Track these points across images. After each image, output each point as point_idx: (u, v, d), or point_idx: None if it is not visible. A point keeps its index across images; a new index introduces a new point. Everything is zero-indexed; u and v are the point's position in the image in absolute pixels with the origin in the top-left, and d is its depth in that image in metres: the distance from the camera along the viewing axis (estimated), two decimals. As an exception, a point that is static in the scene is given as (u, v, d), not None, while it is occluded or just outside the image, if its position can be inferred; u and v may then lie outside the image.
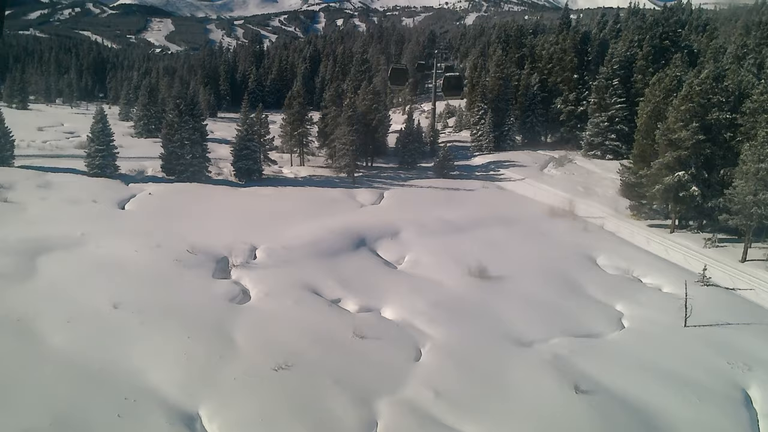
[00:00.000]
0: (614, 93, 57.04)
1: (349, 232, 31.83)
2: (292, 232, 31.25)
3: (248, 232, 30.87)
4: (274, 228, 32.10)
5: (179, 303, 21.65)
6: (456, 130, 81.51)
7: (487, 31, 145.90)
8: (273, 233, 30.96)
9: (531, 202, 43.01)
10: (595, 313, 23.33)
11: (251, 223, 33.03)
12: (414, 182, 49.03)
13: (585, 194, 45.25)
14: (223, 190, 42.83)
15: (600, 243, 32.72)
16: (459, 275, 26.46)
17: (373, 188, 46.23)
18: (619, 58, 57.95)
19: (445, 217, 36.18)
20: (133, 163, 50.51)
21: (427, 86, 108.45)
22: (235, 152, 47.16)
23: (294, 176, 51.32)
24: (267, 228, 32.06)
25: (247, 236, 30.03)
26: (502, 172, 54.28)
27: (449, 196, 43.88)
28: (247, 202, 39.44)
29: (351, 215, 36.56)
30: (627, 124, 57.19)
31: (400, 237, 32.32)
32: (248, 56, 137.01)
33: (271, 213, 36.05)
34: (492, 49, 79.85)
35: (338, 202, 40.70)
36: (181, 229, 31.12)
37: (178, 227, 31.46)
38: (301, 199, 40.85)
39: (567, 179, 50.84)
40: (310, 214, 36.07)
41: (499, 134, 64.12)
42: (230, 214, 35.28)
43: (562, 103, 64.39)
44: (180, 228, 31.31)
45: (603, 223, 36.55)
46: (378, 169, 55.99)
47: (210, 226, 32.16)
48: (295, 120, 54.20)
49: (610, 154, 57.86)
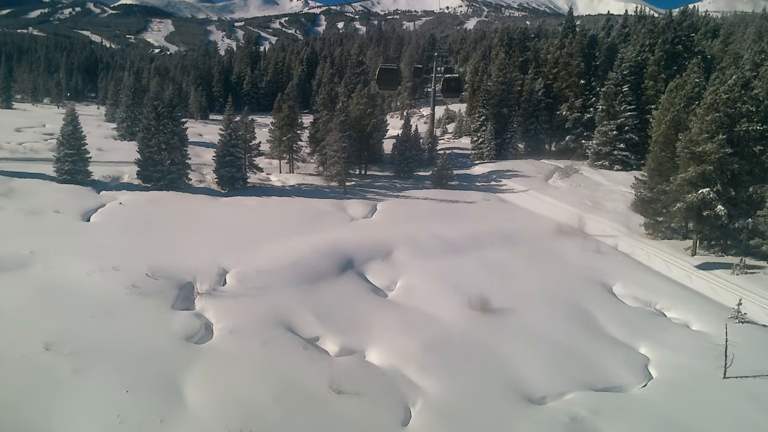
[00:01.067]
0: (624, 100, 53.82)
1: (336, 251, 28.43)
2: (272, 250, 27.84)
3: (222, 251, 27.46)
4: (253, 245, 28.69)
5: (125, 343, 18.23)
6: (455, 136, 78.29)
7: (489, 35, 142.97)
8: (250, 252, 27.55)
9: (536, 217, 39.65)
10: (616, 359, 19.93)
11: (227, 240, 29.63)
12: (410, 193, 45.67)
13: (593, 209, 41.91)
14: (202, 201, 39.41)
15: (615, 267, 29.34)
16: (457, 307, 23.07)
17: (366, 199, 42.85)
18: (629, 63, 54.79)
19: (443, 234, 32.80)
20: (110, 168, 47.14)
21: (426, 90, 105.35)
22: (218, 158, 43.77)
23: (282, 185, 47.92)
24: (244, 245, 28.66)
25: (219, 256, 26.61)
26: (504, 183, 50.95)
27: (447, 209, 40.52)
28: (227, 214, 36.02)
29: (340, 231, 33.16)
30: (637, 133, 54.06)
31: (393, 258, 28.93)
32: (244, 57, 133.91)
33: (251, 227, 32.64)
34: (494, 53, 76.69)
35: (327, 215, 37.30)
36: (147, 246, 27.72)
37: (143, 244, 28.04)
38: (286, 212, 37.45)
39: (573, 192, 47.52)
40: (294, 229, 32.69)
41: (501, 142, 60.88)
42: (205, 229, 31.88)
43: (568, 109, 61.18)
44: (146, 245, 27.90)
45: (617, 243, 33.17)
46: (372, 177, 52.63)
47: (180, 242, 28.75)
48: (285, 124, 50.86)
49: (619, 165, 54.64)
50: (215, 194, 42.12)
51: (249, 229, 32.17)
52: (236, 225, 33.01)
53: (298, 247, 28.34)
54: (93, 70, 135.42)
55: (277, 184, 47.96)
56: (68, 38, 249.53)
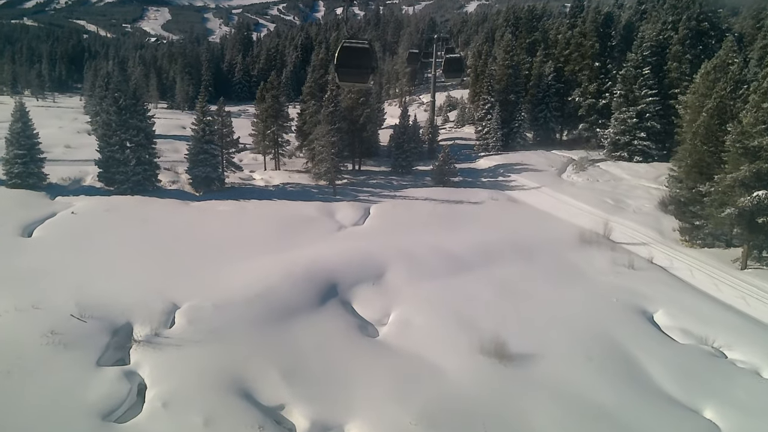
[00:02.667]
0: (644, 84, 48.44)
1: (317, 274, 23.55)
2: (239, 275, 22.98)
3: (177, 276, 22.62)
4: (216, 267, 23.83)
5: (23, 426, 13.47)
6: (458, 125, 72.95)
7: (491, 17, 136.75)
8: (211, 277, 22.69)
9: (552, 221, 34.65)
10: (677, 429, 15.09)
11: (187, 259, 24.77)
12: (408, 192, 40.64)
13: (616, 209, 36.87)
14: (169, 206, 34.50)
15: (653, 287, 24.39)
16: (466, 352, 18.21)
17: (358, 201, 37.87)
18: (650, 43, 49.27)
19: (445, 246, 27.87)
20: (74, 168, 42.28)
21: (426, 76, 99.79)
22: (190, 156, 38.79)
23: (265, 184, 42.92)
24: (206, 267, 23.81)
25: (172, 284, 21.76)
26: (513, 178, 45.84)
27: (450, 212, 35.54)
28: (193, 224, 31.11)
29: (324, 244, 28.23)
30: (659, 120, 48.79)
31: (386, 280, 24.03)
32: (236, 44, 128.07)
33: (218, 242, 27.73)
34: (499, 34, 71.08)
35: (311, 222, 32.34)
36: (87, 270, 22.89)
37: (82, 268, 23.20)
38: (264, 219, 32.51)
39: (591, 188, 42.42)
40: (270, 243, 27.79)
41: (508, 131, 55.61)
42: (164, 244, 26.98)
43: (581, 95, 55.77)
44: (85, 269, 23.07)
45: (651, 255, 28.15)
46: (367, 174, 47.58)
47: (128, 264, 23.90)
48: (269, 116, 45.78)
49: (639, 156, 49.38)
50: (187, 197, 37.19)
51: (216, 243, 27.26)
52: (201, 238, 28.10)
53: (271, 270, 23.45)
54: (79, 60, 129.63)
55: (259, 184, 42.97)
56: (60, 28, 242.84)
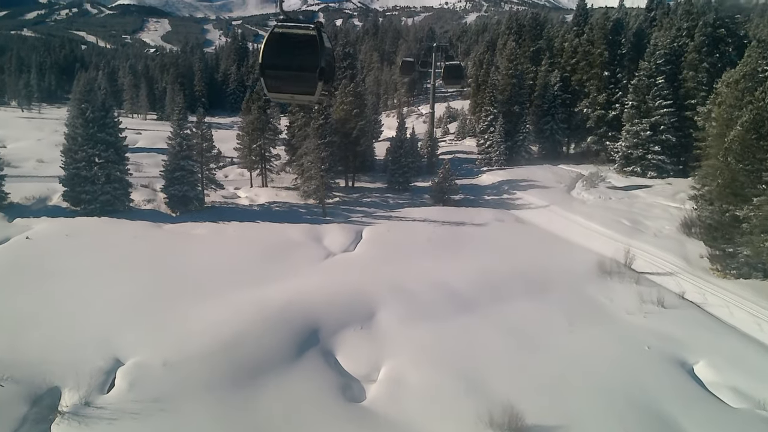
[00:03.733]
0: (658, 94, 45.21)
1: (296, 315, 20.07)
2: (203, 318, 19.48)
3: (129, 320, 19.12)
4: (179, 307, 20.33)
5: None
6: (458, 137, 69.77)
7: (491, 27, 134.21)
8: (171, 321, 19.19)
9: (564, 245, 31.19)
10: None
11: (143, 297, 21.25)
12: (405, 212, 37.22)
13: (634, 231, 33.40)
14: (140, 230, 31.00)
15: (689, 330, 20.86)
16: (470, 424, 14.67)
17: (350, 222, 34.42)
18: (664, 51, 46.13)
19: (446, 279, 24.40)
20: (42, 185, 38.83)
21: (425, 86, 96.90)
22: (166, 173, 35.42)
23: (250, 203, 39.47)
24: (167, 307, 20.31)
25: (121, 331, 18.25)
26: (519, 196, 42.44)
27: (452, 236, 32.06)
28: (163, 251, 27.60)
29: (308, 276, 24.74)
30: (674, 132, 45.53)
31: (377, 322, 20.53)
32: (231, 54, 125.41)
33: (188, 273, 24.23)
34: (502, 42, 67.97)
35: (296, 249, 28.84)
36: (21, 315, 19.37)
37: (17, 311, 19.69)
38: (243, 245, 29.03)
39: (604, 206, 39.00)
40: (246, 275, 24.30)
41: (512, 144, 52.36)
42: (123, 277, 23.46)
43: (589, 106, 52.62)
44: (19, 311, 19.56)
45: (682, 289, 24.60)
46: (361, 191, 44.17)
47: (74, 304, 20.39)
48: (254, 129, 42.47)
49: (653, 171, 46.03)
50: (161, 219, 33.73)
51: (183, 275, 23.76)
52: (168, 269, 24.59)
53: (241, 311, 19.94)
54: (71, 70, 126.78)
55: (243, 203, 39.51)
56: (59, 38, 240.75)
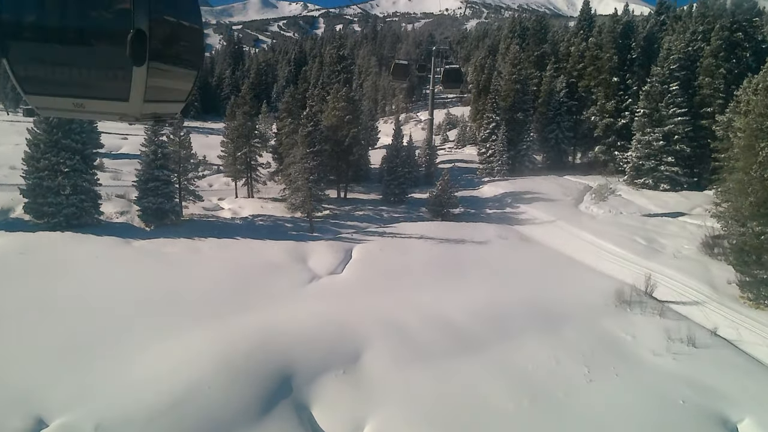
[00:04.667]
0: (672, 101, 42.41)
1: (268, 357, 17.03)
2: (156, 363, 16.44)
3: (64, 366, 16.04)
4: (124, 351, 17.24)
5: None
6: (458, 145, 66.93)
7: (492, 32, 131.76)
8: (115, 367, 16.13)
9: (575, 268, 28.20)
10: None
11: (93, 334, 18.17)
12: (400, 228, 34.22)
13: (650, 251, 30.43)
14: (105, 247, 27.93)
15: (727, 377, 17.83)
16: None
17: (339, 240, 31.40)
18: (678, 56, 43.35)
19: (444, 310, 21.38)
20: (8, 194, 35.78)
21: (424, 92, 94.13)
22: (139, 184, 32.42)
23: (232, 216, 36.48)
24: (115, 348, 17.25)
25: (51, 381, 15.19)
26: (523, 210, 39.48)
27: (451, 256, 29.06)
28: (127, 273, 24.52)
29: (286, 306, 21.69)
30: (688, 143, 42.71)
31: (362, 366, 17.48)
32: (226, 58, 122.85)
33: (149, 302, 21.16)
34: (504, 46, 65.18)
35: (276, 272, 25.80)
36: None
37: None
38: (217, 267, 25.99)
39: (615, 222, 36.03)
40: (216, 304, 21.25)
41: (515, 154, 49.55)
42: (72, 306, 20.37)
43: (597, 113, 49.83)
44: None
45: (712, 322, 21.60)
46: (353, 203, 41.19)
47: (5, 345, 17.35)
48: (239, 136, 39.54)
49: (666, 183, 43.15)
50: (133, 234, 30.68)
51: (139, 307, 20.66)
52: (127, 297, 21.52)
53: (202, 353, 16.89)
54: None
55: (225, 216, 36.51)
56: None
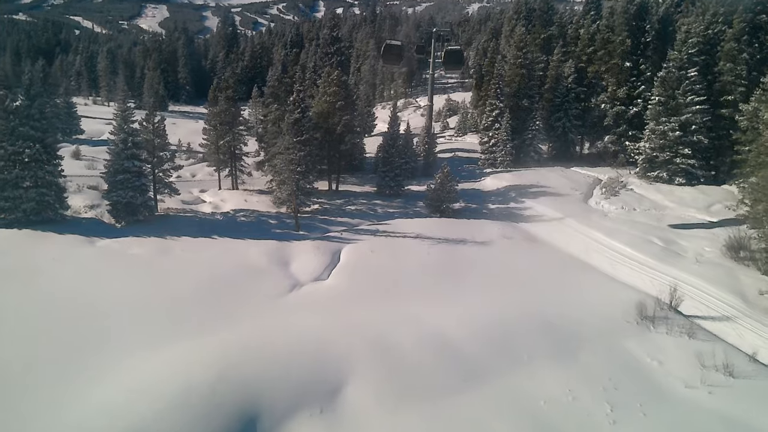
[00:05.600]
0: (690, 88, 39.26)
1: (230, 391, 14.29)
2: (93, 404, 13.71)
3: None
4: (62, 383, 14.53)
5: None
6: (459, 133, 63.75)
7: (495, 15, 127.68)
8: (44, 409, 13.42)
9: (588, 275, 25.39)
10: None
11: (17, 369, 15.44)
12: (395, 225, 31.34)
13: (669, 253, 27.61)
14: (66, 247, 25.08)
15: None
16: None
17: (327, 239, 28.55)
18: (697, 39, 40.13)
19: (443, 328, 18.62)
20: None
21: (423, 76, 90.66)
22: (108, 176, 29.51)
23: (213, 210, 33.60)
24: (46, 383, 14.53)
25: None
26: (528, 205, 36.56)
27: (449, 260, 26.22)
28: (84, 280, 21.69)
29: (260, 322, 18.92)
30: (706, 133, 39.66)
31: (342, 402, 14.75)
32: (220, 41, 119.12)
33: (102, 319, 18.39)
34: (509, 27, 61.73)
35: (253, 277, 22.99)
36: None
37: None
38: (187, 271, 23.16)
39: (629, 220, 33.17)
40: (178, 320, 18.48)
41: (520, 143, 46.49)
42: (12, 322, 17.64)
43: (608, 101, 46.65)
44: None
45: (751, 346, 18.82)
46: (346, 196, 38.27)
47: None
48: (222, 122, 36.53)
49: (681, 177, 40.10)
50: (100, 231, 27.83)
51: (90, 324, 17.87)
52: (73, 314, 18.65)
53: (152, 390, 14.14)
54: (52, 55, 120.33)
55: (205, 210, 33.63)
56: (51, 23, 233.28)
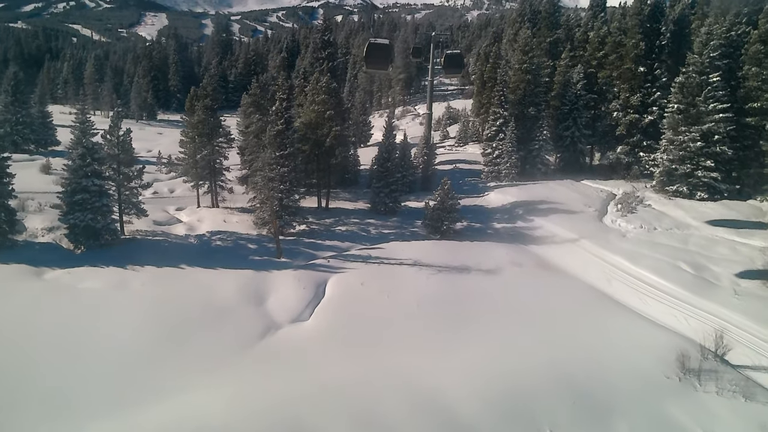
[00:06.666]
0: (713, 95, 35.98)
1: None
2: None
3: None
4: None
5: None
6: (460, 143, 60.45)
7: (494, 22, 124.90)
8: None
9: (613, 311, 21.90)
10: None
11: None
12: (390, 249, 27.85)
13: (701, 282, 24.20)
14: (8, 280, 21.68)
15: None
16: None
17: (312, 267, 25.10)
18: (719, 41, 36.88)
19: (440, 388, 15.19)
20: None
21: (423, 83, 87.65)
22: (64, 197, 26.11)
23: (187, 232, 30.14)
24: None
25: None
26: (538, 224, 33.09)
27: (451, 294, 22.76)
28: (16, 326, 18.27)
29: (216, 385, 15.47)
30: (730, 144, 36.35)
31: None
32: (214, 47, 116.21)
33: (32, 379, 14.98)
34: (513, 31, 58.49)
35: (221, 320, 19.55)
36: None
37: None
38: (143, 311, 19.70)
39: (651, 241, 29.70)
40: (114, 385, 15.06)
41: (526, 154, 43.16)
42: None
43: (620, 108, 43.33)
44: None
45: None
46: (336, 214, 34.83)
47: None
48: (200, 134, 33.18)
49: (703, 191, 36.74)
50: (55, 259, 24.37)
51: (20, 385, 14.47)
52: (4, 372, 15.32)
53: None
54: (41, 62, 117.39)
55: (178, 232, 30.13)
56: (44, 30, 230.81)
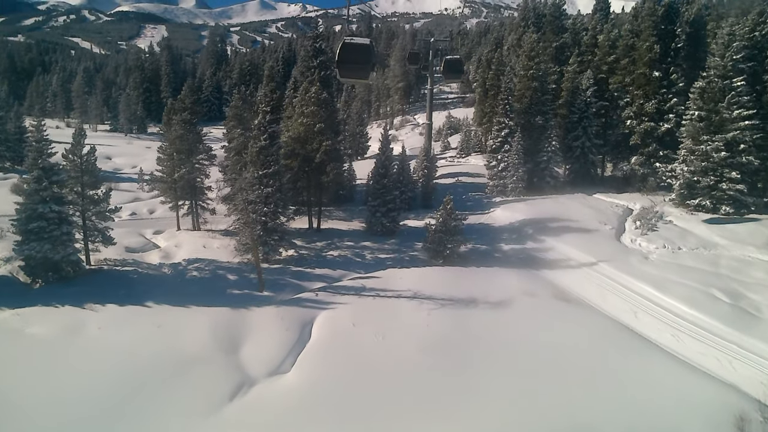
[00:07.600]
0: (737, 101, 33.03)
1: None
2: None
3: None
4: None
5: None
6: (462, 154, 57.54)
7: (494, 29, 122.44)
8: None
9: (646, 354, 18.82)
10: None
11: None
12: (386, 279, 24.80)
13: (739, 313, 21.14)
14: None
15: None
16: None
17: (297, 303, 22.04)
18: (743, 43, 33.98)
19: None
20: None
21: (422, 92, 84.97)
22: (19, 225, 23.16)
23: (161, 260, 27.09)
24: None
25: None
26: (550, 245, 29.98)
27: (454, 332, 19.68)
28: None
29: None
30: (756, 153, 33.35)
31: None
32: (208, 58, 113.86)
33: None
34: (516, 36, 55.67)
35: (187, 374, 16.44)
36: None
37: None
38: (97, 362, 16.69)
39: (677, 264, 26.61)
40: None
41: (534, 167, 40.23)
42: None
43: (634, 116, 40.40)
44: None
45: None
46: (329, 236, 31.79)
47: None
48: (178, 150, 30.29)
49: (728, 205, 33.63)
50: (5, 297, 21.40)
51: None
52: None
53: None
54: (32, 75, 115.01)
55: (152, 260, 27.08)
56: (38, 43, 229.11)
